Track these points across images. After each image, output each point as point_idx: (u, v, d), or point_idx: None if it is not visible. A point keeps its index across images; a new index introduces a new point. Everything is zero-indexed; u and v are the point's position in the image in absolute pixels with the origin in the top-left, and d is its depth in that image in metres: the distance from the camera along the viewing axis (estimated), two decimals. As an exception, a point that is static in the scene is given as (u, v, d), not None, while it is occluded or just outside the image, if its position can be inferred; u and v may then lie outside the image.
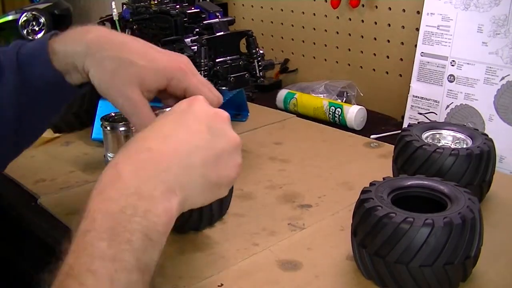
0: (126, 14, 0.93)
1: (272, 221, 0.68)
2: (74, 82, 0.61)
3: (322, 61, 1.26)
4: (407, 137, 0.71)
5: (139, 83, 0.57)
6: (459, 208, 0.53)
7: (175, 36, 0.85)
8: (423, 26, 0.96)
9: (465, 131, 0.74)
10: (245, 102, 1.03)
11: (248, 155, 0.88)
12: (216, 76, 0.81)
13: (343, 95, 1.14)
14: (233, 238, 0.65)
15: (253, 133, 0.99)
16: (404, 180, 0.60)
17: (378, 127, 1.02)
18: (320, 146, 0.93)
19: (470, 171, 0.66)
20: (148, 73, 0.58)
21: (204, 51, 0.79)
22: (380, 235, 0.52)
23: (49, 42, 0.59)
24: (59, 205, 0.73)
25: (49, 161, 0.71)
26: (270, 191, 0.76)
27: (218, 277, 0.57)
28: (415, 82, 0.98)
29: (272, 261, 0.60)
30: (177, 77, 0.58)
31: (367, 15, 1.13)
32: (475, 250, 0.53)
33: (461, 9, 0.91)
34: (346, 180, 0.79)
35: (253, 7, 1.39)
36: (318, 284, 0.56)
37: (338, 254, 0.61)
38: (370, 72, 1.16)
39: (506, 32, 0.86)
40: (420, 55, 0.97)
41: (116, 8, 0.91)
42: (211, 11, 0.86)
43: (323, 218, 0.69)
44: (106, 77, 0.58)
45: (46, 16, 1.05)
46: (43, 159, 0.88)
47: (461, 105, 0.92)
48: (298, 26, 1.29)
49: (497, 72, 0.87)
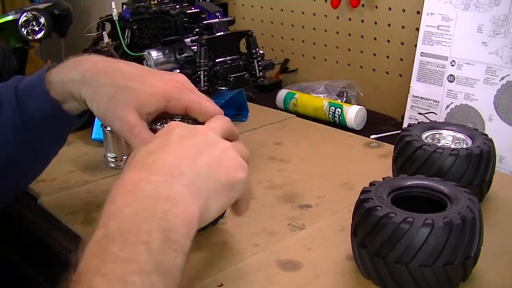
0: (126, 14, 0.93)
1: (272, 221, 0.68)
2: (72, 111, 0.62)
3: (322, 61, 1.26)
4: (407, 137, 0.71)
5: (136, 106, 0.58)
6: (459, 208, 0.53)
7: (175, 36, 0.85)
8: (423, 26, 0.96)
9: (465, 131, 0.74)
10: (245, 102, 1.03)
11: (248, 155, 0.88)
12: (216, 76, 0.81)
13: (343, 95, 1.14)
14: (233, 238, 0.65)
15: (253, 133, 0.99)
16: (404, 180, 0.60)
17: (378, 127, 1.02)
18: (320, 146, 0.93)
19: (470, 171, 0.66)
20: (145, 97, 0.58)
21: (204, 51, 0.79)
22: (380, 235, 0.52)
23: (46, 74, 0.61)
24: (59, 205, 0.73)
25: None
26: (270, 191, 0.76)
27: (218, 277, 0.57)
28: (415, 82, 0.98)
29: (272, 261, 0.60)
30: (175, 97, 0.59)
31: (367, 15, 1.13)
32: (475, 250, 0.53)
33: (461, 9, 0.91)
34: (346, 180, 0.79)
35: (253, 7, 1.39)
36: (318, 284, 0.56)
37: (338, 254, 0.61)
38: (370, 72, 1.16)
39: (506, 32, 0.86)
40: (420, 55, 0.97)
41: (116, 8, 0.91)
42: (211, 11, 0.87)
43: (323, 218, 0.69)
44: (103, 104, 0.59)
45: (46, 16, 1.05)
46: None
47: (461, 105, 0.92)
48: (298, 26, 1.29)
49: (497, 72, 0.87)
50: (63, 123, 0.64)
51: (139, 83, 0.59)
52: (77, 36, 1.19)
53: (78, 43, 1.22)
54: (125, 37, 0.93)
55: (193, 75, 0.80)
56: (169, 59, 0.85)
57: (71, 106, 0.62)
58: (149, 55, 0.84)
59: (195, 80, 0.80)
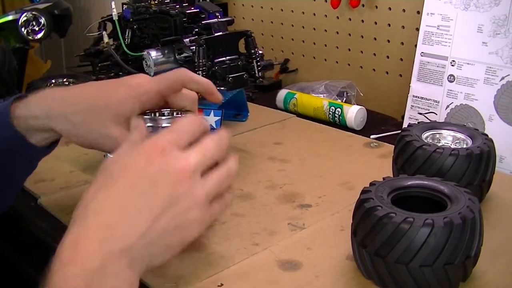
0: (126, 14, 0.93)
1: (272, 221, 0.68)
2: (40, 144, 0.63)
3: (322, 61, 1.26)
4: (407, 137, 0.71)
5: (112, 118, 0.60)
6: (459, 208, 0.53)
7: (174, 36, 0.85)
8: (423, 26, 0.96)
9: (465, 131, 0.74)
10: (245, 102, 1.03)
11: (248, 155, 0.88)
12: (215, 76, 0.81)
13: (343, 95, 1.14)
14: (233, 238, 0.65)
15: (253, 133, 0.99)
16: (404, 180, 0.60)
17: (378, 127, 1.02)
18: (320, 146, 0.93)
19: (470, 171, 0.66)
20: (115, 107, 0.60)
21: (203, 51, 0.79)
22: (380, 235, 0.52)
23: (11, 106, 0.61)
24: (59, 205, 0.73)
25: (49, 161, 0.71)
26: (270, 191, 0.76)
27: (218, 277, 0.57)
28: (415, 82, 0.98)
29: (272, 261, 0.60)
30: (143, 93, 0.60)
31: (367, 15, 1.13)
32: (475, 250, 0.53)
33: (461, 9, 0.91)
34: (346, 180, 0.79)
35: (253, 7, 1.39)
36: (318, 284, 0.56)
37: (338, 254, 0.61)
38: (370, 72, 1.16)
39: (506, 32, 0.86)
40: (420, 55, 0.97)
41: (116, 8, 0.91)
42: (210, 11, 0.86)
43: (323, 218, 0.69)
44: (78, 130, 0.60)
45: (46, 16, 1.05)
46: (43, 159, 0.87)
47: (461, 105, 0.91)
48: (298, 26, 1.29)
49: (497, 72, 0.87)
50: (30, 154, 0.64)
51: (104, 99, 0.60)
52: (77, 36, 1.19)
53: (78, 43, 1.22)
54: (125, 37, 0.93)
55: (192, 75, 0.80)
56: (168, 59, 0.86)
57: (38, 139, 0.63)
58: (148, 55, 0.84)
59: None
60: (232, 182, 0.52)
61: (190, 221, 0.48)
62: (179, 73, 0.62)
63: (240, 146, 0.92)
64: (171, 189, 0.46)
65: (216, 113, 0.83)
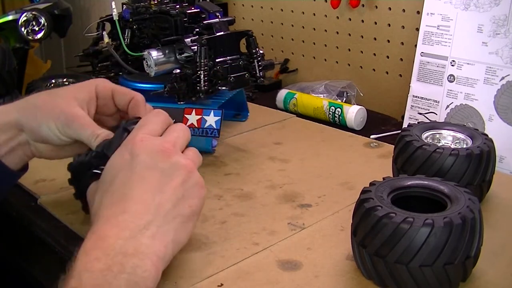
0: (126, 14, 0.93)
1: (272, 221, 0.68)
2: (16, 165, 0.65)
3: (322, 61, 1.26)
4: (407, 137, 0.71)
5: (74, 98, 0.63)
6: (459, 208, 0.53)
7: (175, 36, 0.85)
8: (423, 26, 0.96)
9: (465, 131, 0.74)
10: (245, 102, 1.03)
11: (248, 155, 0.88)
12: (216, 76, 0.81)
13: (343, 95, 1.14)
14: (233, 237, 0.65)
15: (253, 133, 0.99)
16: (404, 180, 0.60)
17: (378, 127, 1.02)
18: (320, 146, 0.93)
19: (470, 171, 0.66)
20: (75, 90, 0.64)
21: (204, 51, 0.79)
22: (380, 235, 0.52)
23: None
24: (59, 205, 0.73)
25: (49, 161, 0.71)
26: (270, 191, 0.76)
27: (218, 277, 0.57)
28: (415, 82, 0.98)
29: (272, 261, 0.60)
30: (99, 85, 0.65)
31: (367, 15, 1.13)
32: (475, 250, 0.53)
33: (461, 9, 0.91)
34: (346, 180, 0.79)
35: (253, 7, 1.39)
36: (318, 284, 0.56)
37: (338, 254, 0.61)
38: (370, 72, 1.16)
39: (506, 32, 0.86)
40: (420, 55, 0.97)
41: (116, 8, 0.91)
42: (211, 11, 0.86)
43: (323, 218, 0.69)
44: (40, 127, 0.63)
45: (46, 16, 1.05)
46: (43, 159, 0.88)
47: (461, 105, 0.92)
48: (298, 26, 1.29)
49: (497, 72, 0.87)
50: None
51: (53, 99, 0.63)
52: (77, 36, 1.19)
53: (78, 43, 1.22)
54: (125, 37, 0.93)
55: (193, 75, 0.80)
56: (169, 59, 0.85)
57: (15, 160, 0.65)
58: (149, 55, 0.84)
59: (195, 80, 0.80)
60: None
61: (192, 186, 0.53)
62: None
63: (240, 146, 0.92)
64: (162, 164, 0.52)
65: (216, 113, 0.83)
